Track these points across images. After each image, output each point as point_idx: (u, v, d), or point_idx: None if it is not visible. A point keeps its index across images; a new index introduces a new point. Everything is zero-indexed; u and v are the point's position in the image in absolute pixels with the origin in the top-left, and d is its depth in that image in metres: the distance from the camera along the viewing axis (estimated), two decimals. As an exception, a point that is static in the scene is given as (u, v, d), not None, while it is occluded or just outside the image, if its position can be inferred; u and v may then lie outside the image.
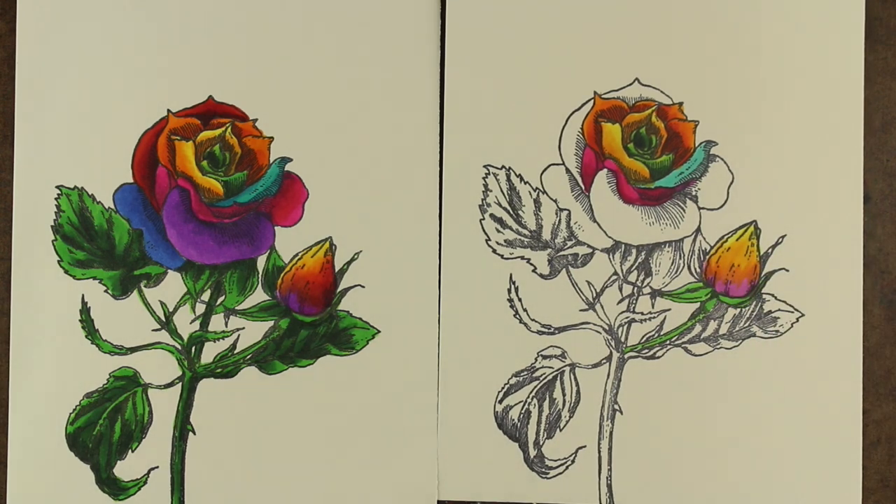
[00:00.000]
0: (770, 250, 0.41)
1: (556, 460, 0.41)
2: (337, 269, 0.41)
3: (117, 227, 0.40)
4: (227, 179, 0.40)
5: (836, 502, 0.41)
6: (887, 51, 0.42)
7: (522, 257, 0.41)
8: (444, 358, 0.41)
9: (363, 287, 0.41)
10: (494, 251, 0.41)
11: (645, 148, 0.41)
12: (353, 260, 0.41)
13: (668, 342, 0.41)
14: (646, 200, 0.41)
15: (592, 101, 0.41)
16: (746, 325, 0.41)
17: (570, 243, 0.41)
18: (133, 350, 0.40)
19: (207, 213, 0.40)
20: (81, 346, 0.40)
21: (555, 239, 0.41)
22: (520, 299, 0.41)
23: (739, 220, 0.41)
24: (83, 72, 0.41)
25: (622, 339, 0.41)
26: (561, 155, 0.41)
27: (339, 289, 0.41)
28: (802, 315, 0.41)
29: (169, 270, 0.40)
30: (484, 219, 0.41)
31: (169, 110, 0.41)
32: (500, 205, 0.41)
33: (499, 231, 0.41)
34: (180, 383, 0.40)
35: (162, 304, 0.40)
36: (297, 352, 0.41)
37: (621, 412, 0.41)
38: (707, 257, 0.41)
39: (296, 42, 0.41)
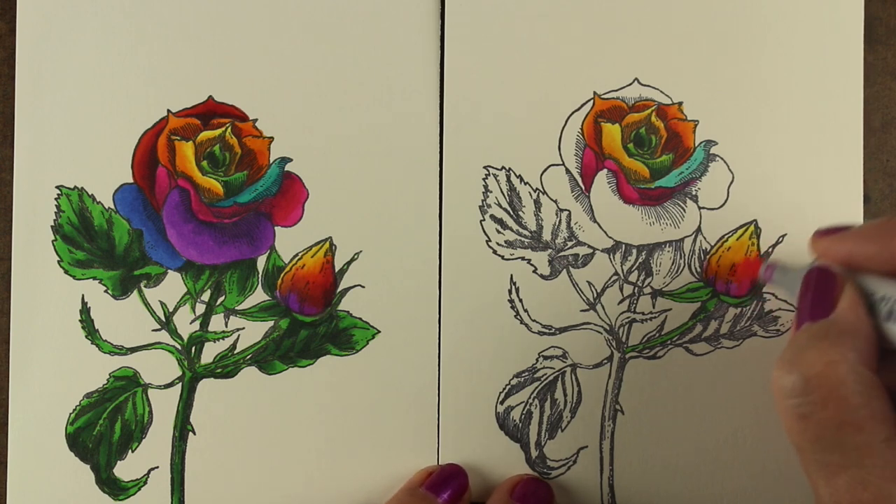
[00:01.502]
0: (770, 250, 0.41)
1: (557, 461, 0.41)
2: (337, 269, 0.41)
3: (117, 227, 0.40)
4: (227, 179, 0.40)
5: (837, 502, 0.40)
6: (887, 51, 0.42)
7: (523, 258, 0.41)
8: (445, 359, 0.41)
9: (363, 287, 0.41)
10: (495, 252, 0.41)
11: (645, 148, 0.41)
12: (353, 260, 0.41)
13: (669, 342, 0.41)
14: (646, 200, 0.41)
15: (592, 101, 0.41)
16: (747, 324, 0.41)
17: (570, 244, 0.41)
18: (133, 350, 0.40)
19: (207, 213, 0.40)
20: (81, 346, 0.40)
21: (555, 239, 0.41)
22: (520, 300, 0.41)
23: (739, 219, 0.41)
24: (83, 72, 0.41)
25: (623, 339, 0.41)
26: (561, 155, 0.41)
27: (339, 289, 0.41)
28: (803, 314, 0.41)
29: (169, 270, 0.40)
30: (484, 220, 0.41)
31: (169, 110, 0.41)
32: (500, 206, 0.41)
33: (499, 232, 0.41)
34: (180, 383, 0.40)
35: (162, 304, 0.40)
36: (297, 352, 0.41)
37: (623, 412, 0.41)
38: (707, 257, 0.41)
39: (296, 42, 0.41)
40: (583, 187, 0.41)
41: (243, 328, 0.41)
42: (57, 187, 0.40)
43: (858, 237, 0.31)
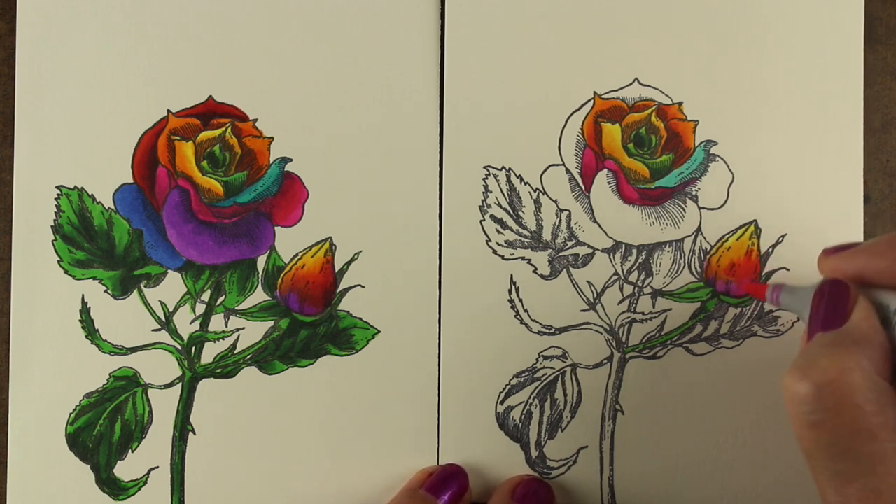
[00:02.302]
0: (770, 250, 0.41)
1: (557, 461, 0.41)
2: (337, 269, 0.41)
3: (117, 227, 0.40)
4: (227, 179, 0.40)
5: (837, 502, 0.40)
6: (887, 51, 0.42)
7: (523, 258, 0.41)
8: (445, 358, 0.41)
9: (363, 287, 0.41)
10: (495, 252, 0.41)
11: (645, 148, 0.41)
12: (353, 260, 0.41)
13: (669, 342, 0.41)
14: (646, 200, 0.41)
15: (592, 101, 0.41)
16: (747, 324, 0.41)
17: (570, 244, 0.41)
18: (133, 350, 0.40)
19: (207, 213, 0.40)
20: (81, 346, 0.40)
21: (555, 239, 0.41)
22: (520, 300, 0.41)
23: (739, 219, 0.41)
24: (83, 72, 0.41)
25: (623, 339, 0.41)
26: (561, 155, 0.41)
27: (339, 289, 0.41)
28: (803, 314, 0.41)
29: (169, 270, 0.40)
30: (484, 220, 0.41)
31: (169, 110, 0.41)
32: (500, 206, 0.41)
33: (499, 232, 0.41)
34: (180, 383, 0.40)
35: (162, 304, 0.40)
36: (297, 352, 0.41)
37: (623, 412, 0.41)
38: (707, 257, 0.41)
39: (296, 42, 0.41)
40: (583, 187, 0.41)
41: (243, 328, 0.41)
42: (57, 187, 0.40)
43: (868, 253, 0.31)
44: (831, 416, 0.27)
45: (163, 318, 0.40)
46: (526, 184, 0.41)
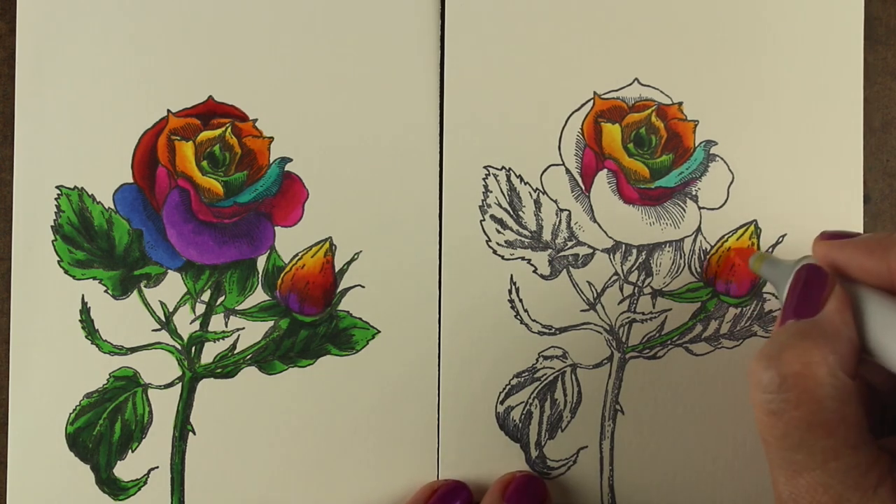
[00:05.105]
0: (770, 249, 0.41)
1: (557, 461, 0.41)
2: (337, 269, 0.41)
3: (117, 227, 0.40)
4: (227, 179, 0.40)
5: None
6: (887, 51, 0.42)
7: (523, 258, 0.41)
8: (445, 358, 0.41)
9: (363, 287, 0.41)
10: (495, 252, 0.41)
11: (645, 148, 0.41)
12: (353, 260, 0.41)
13: (669, 342, 0.41)
14: (646, 200, 0.41)
15: (592, 101, 0.41)
16: (747, 324, 0.41)
17: (570, 244, 0.41)
18: (133, 350, 0.40)
19: (207, 214, 0.40)
20: (81, 346, 0.40)
21: (555, 239, 0.41)
22: (520, 300, 0.41)
23: (740, 219, 0.41)
24: (83, 72, 0.41)
25: (623, 339, 0.41)
26: (561, 155, 0.41)
27: (339, 289, 0.41)
28: (803, 314, 0.41)
29: (169, 270, 0.40)
30: (484, 220, 0.41)
31: (169, 110, 0.41)
32: (500, 206, 0.41)
33: (499, 232, 0.41)
34: (180, 383, 0.40)
35: (162, 304, 0.40)
36: (297, 352, 0.41)
37: (623, 412, 0.41)
38: (707, 257, 0.41)
39: (296, 42, 0.41)
40: (583, 187, 0.41)
41: (243, 328, 0.41)
42: (57, 187, 0.40)
43: (858, 247, 0.31)
44: (791, 407, 0.27)
45: (163, 318, 0.40)
46: (526, 184, 0.41)
